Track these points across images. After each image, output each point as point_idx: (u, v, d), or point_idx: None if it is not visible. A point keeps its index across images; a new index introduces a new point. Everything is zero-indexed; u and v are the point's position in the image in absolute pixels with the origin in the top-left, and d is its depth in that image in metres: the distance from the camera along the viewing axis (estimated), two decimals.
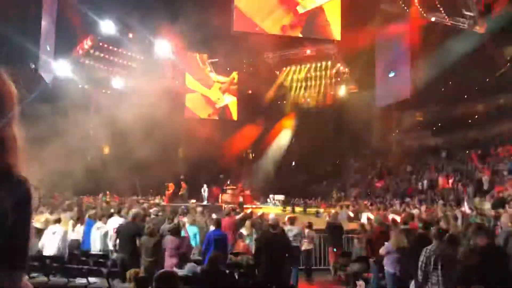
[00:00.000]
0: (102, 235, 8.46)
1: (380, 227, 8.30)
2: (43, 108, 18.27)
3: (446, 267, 5.28)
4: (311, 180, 29.31)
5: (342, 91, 30.02)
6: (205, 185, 23.41)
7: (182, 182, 22.31)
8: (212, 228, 7.82)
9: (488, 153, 21.40)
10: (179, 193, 21.53)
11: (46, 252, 7.63)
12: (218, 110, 30.89)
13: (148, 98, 23.24)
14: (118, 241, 7.64)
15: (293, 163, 31.42)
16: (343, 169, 30.11)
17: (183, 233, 7.88)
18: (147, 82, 25.93)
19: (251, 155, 32.07)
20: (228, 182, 24.35)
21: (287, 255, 6.57)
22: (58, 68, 24.17)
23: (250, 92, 31.69)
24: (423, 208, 14.73)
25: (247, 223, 9.46)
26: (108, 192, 21.46)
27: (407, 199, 20.90)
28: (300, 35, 25.21)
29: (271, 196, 24.12)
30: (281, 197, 23.61)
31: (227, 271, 6.54)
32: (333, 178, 29.46)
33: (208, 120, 30.22)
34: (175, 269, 6.09)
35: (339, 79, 30.09)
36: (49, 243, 7.68)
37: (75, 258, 7.82)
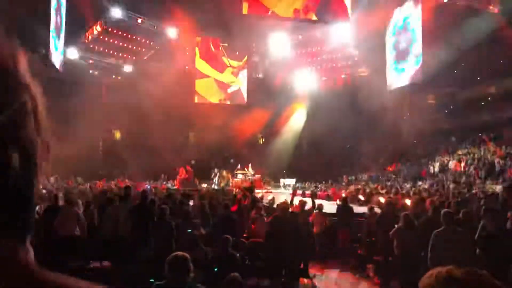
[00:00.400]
0: (114, 218, 8.56)
1: (390, 210, 8.30)
2: (53, 95, 18.41)
3: (455, 252, 5.28)
4: (322, 164, 29.28)
5: (353, 74, 29.73)
6: (216, 169, 23.56)
7: (187, 167, 22.47)
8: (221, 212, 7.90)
9: (501, 135, 21.15)
10: (182, 178, 21.68)
11: (60, 233, 7.80)
12: (230, 95, 30.90)
13: (159, 83, 23.32)
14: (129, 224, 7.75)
15: (304, 147, 31.38)
16: (354, 153, 29.98)
17: None
18: (157, 68, 25.99)
19: (261, 139, 32.12)
20: (239, 167, 24.49)
21: (297, 239, 6.61)
22: (68, 55, 24.27)
23: (260, 76, 31.57)
24: (433, 191, 14.64)
25: (257, 206, 9.49)
26: (118, 179, 21.64)
27: (419, 183, 20.82)
28: (315, 18, 24.86)
29: (281, 180, 24.20)
30: (291, 181, 23.68)
31: (237, 255, 6.62)
32: (344, 162, 29.39)
33: (219, 105, 30.27)
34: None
35: (350, 62, 29.76)
36: (64, 224, 7.84)
37: (88, 241, 7.96)
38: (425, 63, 22.90)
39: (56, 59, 21.66)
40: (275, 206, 9.31)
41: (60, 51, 22.24)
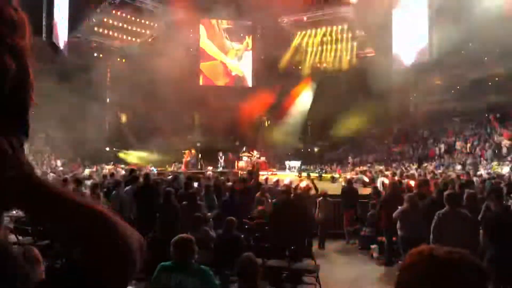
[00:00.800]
0: (119, 201, 8.65)
1: (394, 191, 8.32)
2: (58, 77, 18.46)
3: (458, 233, 5.31)
4: (328, 146, 29.27)
5: (359, 55, 29.43)
6: (220, 152, 23.58)
7: (192, 149, 22.55)
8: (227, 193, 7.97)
9: (508, 116, 20.96)
10: (186, 160, 21.77)
11: None
12: (234, 77, 30.81)
13: (163, 65, 23.22)
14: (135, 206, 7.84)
15: (309, 129, 31.30)
16: (360, 135, 29.88)
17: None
18: (161, 50, 25.85)
19: (267, 121, 32.06)
20: (244, 149, 24.50)
21: (300, 221, 6.67)
22: (72, 37, 24.19)
23: (264, 57, 31.37)
24: (439, 172, 14.64)
25: (262, 188, 9.57)
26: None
27: (424, 164, 20.80)
28: None
29: (286, 162, 24.24)
30: (297, 163, 23.71)
31: (242, 236, 6.71)
32: (349, 144, 29.35)
33: (224, 87, 30.20)
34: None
35: (355, 43, 29.44)
36: None
37: None
38: (432, 43, 22.61)
39: (60, 41, 21.62)
40: (279, 188, 9.35)
41: (64, 34, 22.17)
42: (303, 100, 30.69)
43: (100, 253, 0.79)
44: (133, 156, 23.43)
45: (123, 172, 15.03)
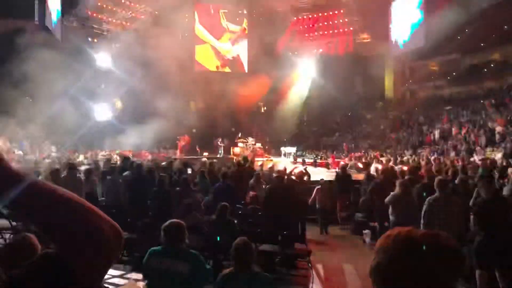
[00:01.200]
0: (115, 187, 8.67)
1: (386, 177, 8.37)
2: (52, 64, 18.28)
3: (448, 218, 5.36)
4: (323, 132, 29.31)
5: (355, 40, 29.28)
6: (220, 138, 23.49)
7: (185, 136, 22.55)
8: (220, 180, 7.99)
9: (503, 103, 21.01)
10: (181, 145, 21.81)
11: None
12: (227, 61, 30.63)
13: (158, 51, 23.04)
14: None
15: (305, 116, 31.32)
16: (355, 121, 29.95)
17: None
18: (156, 35, 25.60)
19: (263, 108, 32.03)
20: (239, 135, 24.55)
21: (293, 207, 6.73)
22: (66, 22, 23.92)
23: (261, 42, 31.16)
24: (433, 158, 14.70)
25: (256, 174, 9.60)
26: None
27: (420, 151, 20.88)
28: None
29: (282, 148, 24.27)
30: (292, 149, 23.74)
31: (235, 221, 6.75)
32: (344, 130, 29.41)
33: (219, 73, 30.02)
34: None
35: (351, 28, 29.28)
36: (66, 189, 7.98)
37: None
38: (428, 28, 22.49)
39: (55, 27, 21.38)
40: (274, 174, 9.40)
41: (58, 19, 21.92)
42: (299, 86, 30.62)
43: (74, 242, 0.80)
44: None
45: (117, 158, 15.01)
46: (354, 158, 17.43)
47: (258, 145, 24.04)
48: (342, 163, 13.91)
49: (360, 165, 14.79)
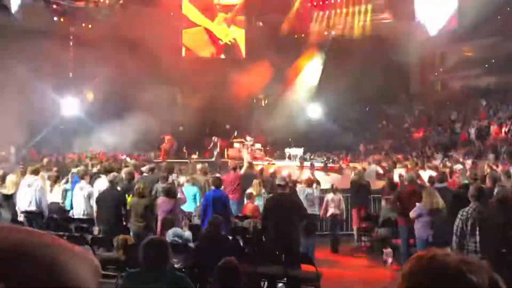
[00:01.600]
0: (86, 196, 8.65)
1: (412, 185, 8.36)
2: (8, 46, 18.28)
3: (485, 233, 5.34)
4: (335, 131, 29.25)
5: (374, 21, 29.28)
6: (215, 137, 23.21)
7: (168, 135, 22.60)
8: (212, 188, 7.98)
9: None
10: (166, 147, 21.80)
11: (21, 207, 7.96)
12: (223, 47, 30.61)
13: (138, 32, 23.01)
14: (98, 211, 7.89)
15: (315, 110, 31.29)
16: (374, 117, 29.90)
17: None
18: (136, 14, 25.59)
19: (263, 100, 31.99)
20: (235, 134, 24.44)
21: (298, 220, 6.73)
22: None
23: (261, 24, 31.14)
24: (468, 163, 14.70)
25: (255, 181, 9.59)
26: (90, 149, 21.55)
27: (451, 152, 20.89)
28: None
29: (286, 150, 24.24)
30: (299, 151, 23.72)
31: (230, 237, 6.74)
32: (361, 128, 29.37)
33: (211, 60, 30.00)
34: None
35: (370, 5, 29.28)
36: (24, 197, 7.99)
37: (54, 222, 8.09)
38: (463, 7, 22.51)
39: (13, 2, 21.39)
40: (277, 181, 9.38)
41: None
42: (307, 74, 30.56)
43: None
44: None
45: (89, 162, 14.94)
46: (373, 161, 17.41)
47: (258, 146, 23.97)
48: (358, 167, 13.88)
49: (380, 170, 14.79)
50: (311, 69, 30.47)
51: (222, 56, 30.74)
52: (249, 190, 9.41)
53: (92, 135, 22.44)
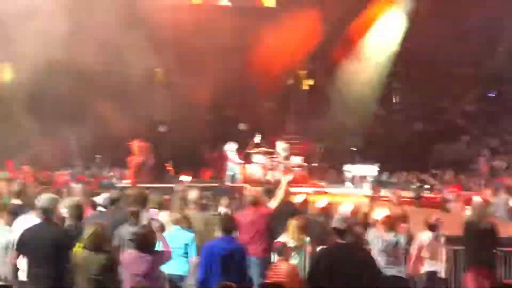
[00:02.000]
0: (4, 248, 8.66)
1: None
2: None
3: None
4: (433, 134, 29.20)
5: None
6: (232, 144, 23.23)
7: (140, 141, 22.68)
8: (217, 234, 7.95)
9: None
10: (136, 162, 21.96)
11: None
12: None
13: None
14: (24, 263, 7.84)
15: (394, 94, 31.36)
16: (502, 110, 29.78)
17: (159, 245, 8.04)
18: None
19: (304, 82, 32.06)
20: (257, 139, 24.39)
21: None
22: None
23: None
24: None
25: (294, 223, 9.59)
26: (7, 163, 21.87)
27: None
28: None
29: (346, 167, 24.25)
30: (370, 170, 23.69)
31: None
32: (480, 129, 29.32)
33: (214, 8, 30.06)
34: None
35: None
36: None
37: None
38: None
39: None
40: (333, 223, 9.33)
41: None
42: (381, 37, 30.56)
43: None
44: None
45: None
46: (505, 188, 17.28)
47: (297, 160, 23.95)
48: (477, 200, 13.73)
49: None
50: (386, 26, 30.46)
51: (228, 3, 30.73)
52: (281, 239, 9.39)
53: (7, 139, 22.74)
